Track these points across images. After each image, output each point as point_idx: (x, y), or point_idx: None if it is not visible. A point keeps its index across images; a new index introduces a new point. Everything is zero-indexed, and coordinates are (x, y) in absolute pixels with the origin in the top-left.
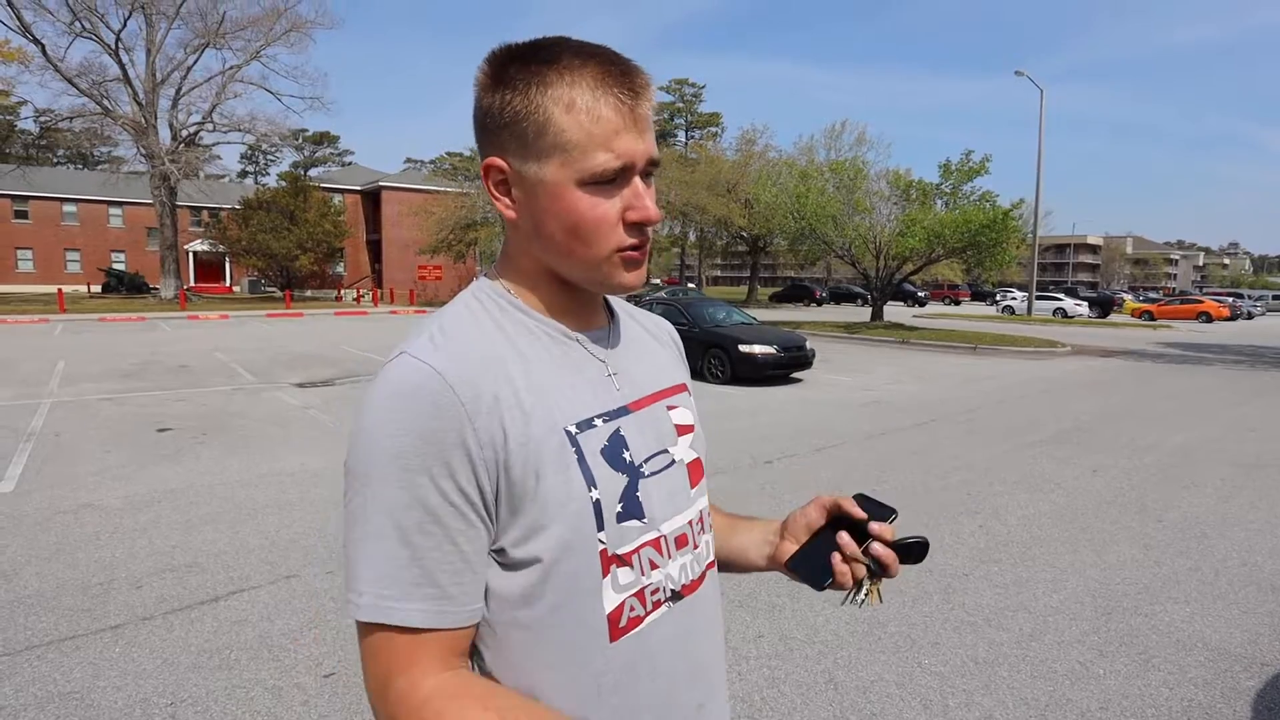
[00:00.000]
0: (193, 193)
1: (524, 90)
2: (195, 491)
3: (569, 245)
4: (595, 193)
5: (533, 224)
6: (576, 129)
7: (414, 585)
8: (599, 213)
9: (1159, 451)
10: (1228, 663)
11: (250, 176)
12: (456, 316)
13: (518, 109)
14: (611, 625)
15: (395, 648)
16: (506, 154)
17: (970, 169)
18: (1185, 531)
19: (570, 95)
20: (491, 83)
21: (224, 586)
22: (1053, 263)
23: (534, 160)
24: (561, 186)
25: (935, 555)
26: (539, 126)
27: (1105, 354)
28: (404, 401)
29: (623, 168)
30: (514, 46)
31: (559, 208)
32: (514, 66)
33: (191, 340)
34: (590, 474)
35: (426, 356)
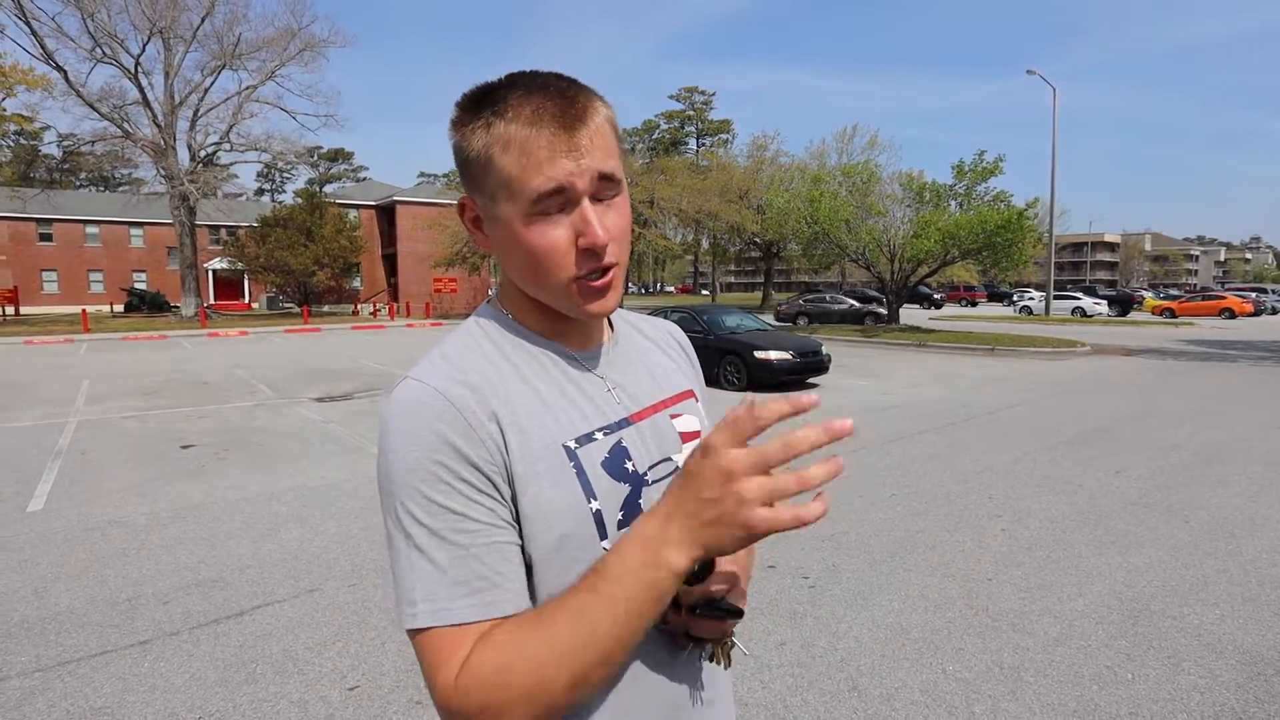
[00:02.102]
0: (211, 212)
1: (473, 134)
2: (219, 507)
3: (532, 276)
4: (542, 223)
5: (502, 258)
6: (513, 165)
7: (461, 583)
8: (547, 243)
9: (1184, 451)
10: (1260, 666)
11: (267, 194)
12: (457, 342)
13: (468, 153)
14: None
15: (451, 639)
16: (473, 193)
17: (984, 169)
18: (1213, 532)
19: (507, 133)
20: (454, 127)
21: (248, 601)
22: (1070, 261)
23: (488, 199)
24: (513, 222)
25: (957, 559)
26: (484, 167)
27: (1126, 353)
28: (408, 419)
29: (557, 189)
30: (473, 90)
31: (513, 243)
32: (469, 110)
33: (212, 357)
34: (590, 486)
35: (427, 378)
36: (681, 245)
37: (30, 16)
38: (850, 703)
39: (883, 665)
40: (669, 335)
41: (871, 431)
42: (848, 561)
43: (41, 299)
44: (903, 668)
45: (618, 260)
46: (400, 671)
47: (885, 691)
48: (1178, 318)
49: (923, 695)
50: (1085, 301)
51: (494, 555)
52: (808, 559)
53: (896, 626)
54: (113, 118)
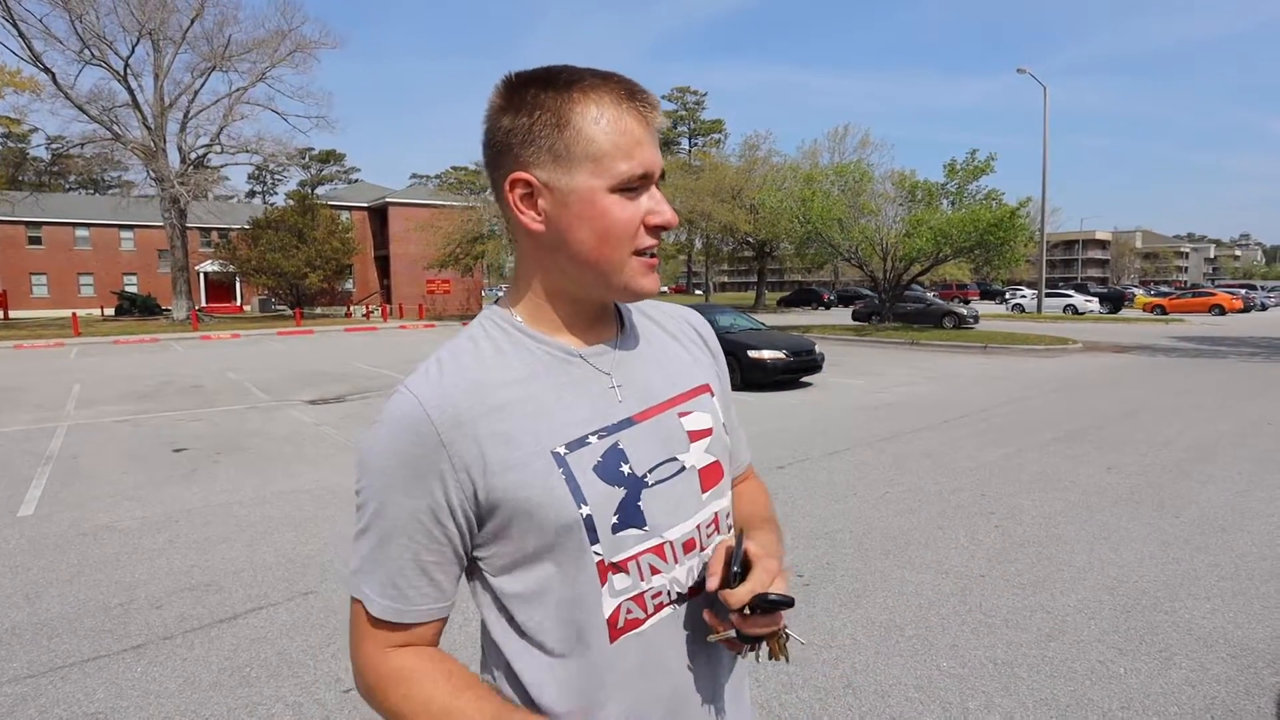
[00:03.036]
0: (202, 214)
1: (553, 108)
2: (212, 511)
3: (598, 250)
4: (623, 198)
5: (560, 234)
6: (605, 139)
7: (379, 584)
8: (626, 215)
9: (1175, 447)
10: (1250, 659)
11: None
12: (457, 348)
13: (546, 123)
14: (610, 627)
15: (364, 623)
16: (533, 168)
17: (975, 168)
18: (1204, 527)
19: (597, 110)
20: (511, 104)
21: (242, 605)
22: (1062, 259)
23: (564, 171)
24: (594, 193)
25: (951, 556)
26: (570, 139)
27: (1118, 350)
28: (390, 428)
29: (644, 174)
30: (530, 72)
31: (591, 213)
32: (535, 89)
33: (204, 360)
34: (580, 492)
35: (416, 389)
36: (675, 245)
37: (17, 18)
38: (845, 700)
39: (877, 662)
40: (688, 325)
41: (865, 430)
42: (842, 559)
43: (31, 303)
44: (897, 664)
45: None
46: None
47: (880, 688)
48: (1168, 314)
49: (917, 692)
50: (1077, 299)
51: (413, 570)
52: (802, 557)
53: (890, 624)
54: (102, 120)
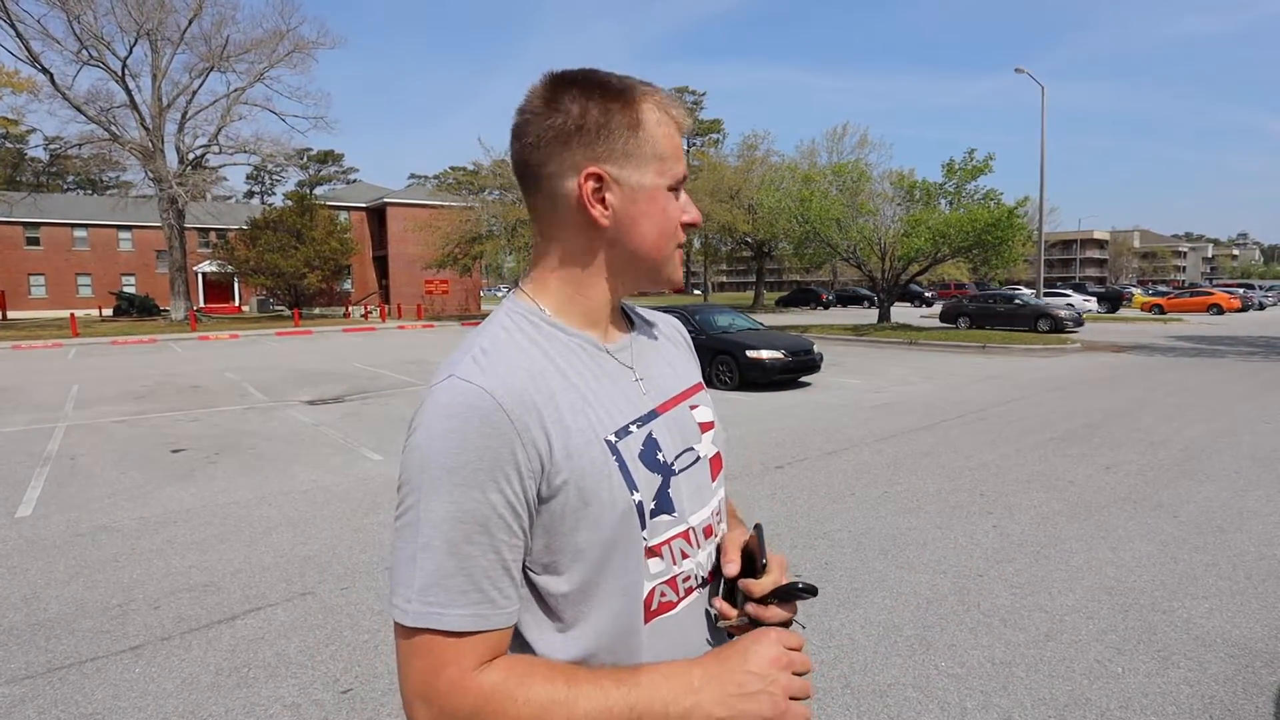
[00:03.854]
0: (200, 214)
1: (624, 109)
2: (210, 511)
3: (657, 243)
4: (673, 197)
5: (625, 228)
6: (666, 142)
7: (460, 593)
8: (673, 213)
9: (1173, 446)
10: (1248, 658)
11: (257, 197)
12: (495, 337)
13: (621, 124)
14: (645, 609)
15: (445, 648)
16: (607, 162)
17: (974, 168)
18: (1202, 526)
19: (659, 114)
20: (562, 103)
21: (240, 605)
22: (1060, 259)
23: (636, 168)
24: (658, 191)
25: (949, 556)
26: (642, 140)
27: (1116, 349)
28: (458, 422)
29: (684, 177)
30: (574, 72)
31: (655, 209)
32: (595, 90)
33: (203, 361)
34: (631, 479)
35: (475, 378)
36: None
37: (15, 18)
38: (843, 700)
39: (875, 662)
40: (674, 329)
41: (863, 430)
42: (840, 559)
43: (29, 303)
44: (895, 664)
45: None
46: (394, 674)
47: (878, 688)
48: (1166, 314)
49: (915, 692)
50: (1075, 298)
51: (497, 570)
52: (800, 557)
53: (889, 624)
54: (100, 120)
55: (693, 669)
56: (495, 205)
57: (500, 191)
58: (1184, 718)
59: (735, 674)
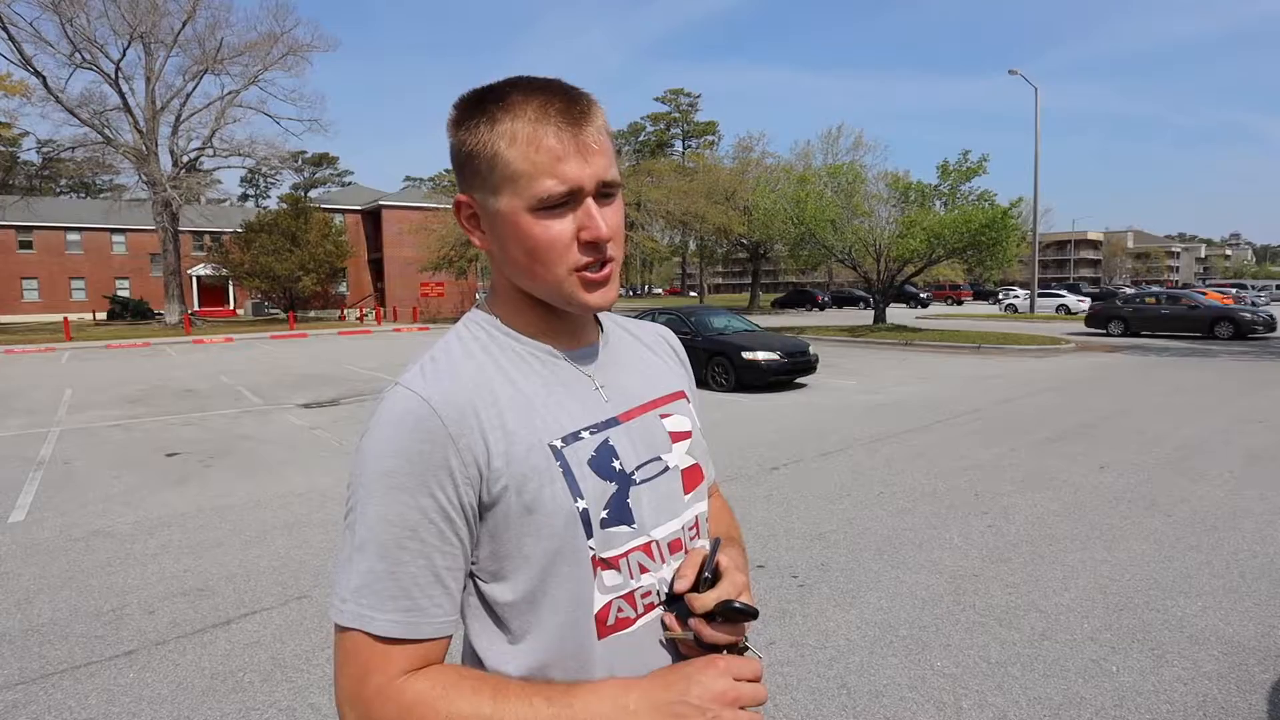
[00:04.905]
0: (194, 218)
1: (476, 130)
2: (204, 515)
3: (531, 268)
4: (546, 217)
5: (500, 251)
6: (521, 160)
7: (390, 598)
8: (551, 235)
9: (1167, 445)
10: (1242, 656)
11: (251, 200)
12: (446, 347)
13: (472, 148)
14: (599, 624)
15: (372, 653)
16: (471, 190)
17: (968, 169)
18: (1195, 525)
19: (513, 130)
20: (454, 126)
21: (235, 609)
22: (1054, 260)
23: (490, 193)
24: (516, 214)
25: (945, 555)
26: (489, 162)
27: (1110, 349)
28: (393, 428)
29: (569, 192)
30: (473, 91)
31: (517, 234)
32: (469, 109)
33: (197, 364)
34: (576, 485)
35: (415, 386)
36: (669, 247)
37: (7, 22)
38: (839, 700)
39: (871, 662)
40: (660, 337)
41: (859, 431)
42: (836, 560)
43: (22, 307)
44: (891, 664)
45: (615, 256)
46: None
47: (874, 689)
48: None
49: (911, 691)
50: (1069, 299)
51: (426, 577)
52: (796, 558)
53: (885, 624)
54: (93, 123)
55: (630, 691)
56: None
57: None
58: (1178, 715)
59: (674, 704)
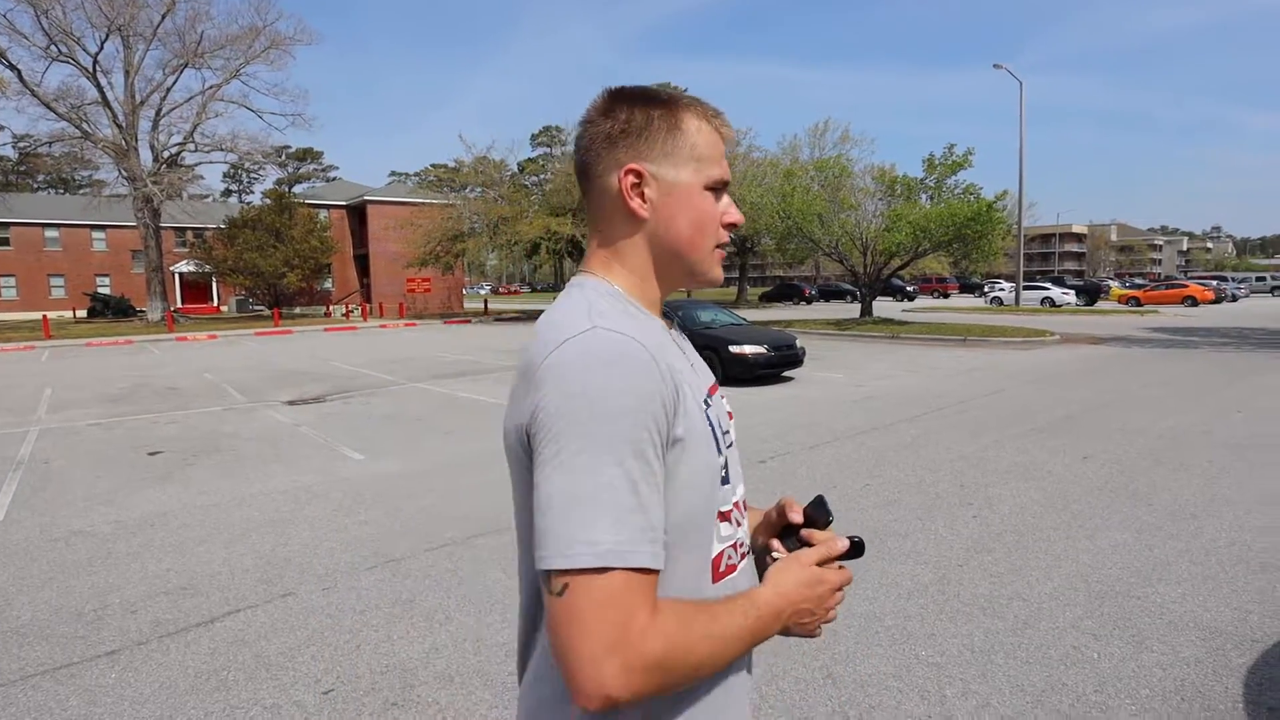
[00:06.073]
0: (176, 213)
1: (666, 115)
2: (188, 513)
3: (692, 239)
4: (711, 197)
5: (663, 220)
6: (706, 146)
7: (641, 530)
8: (712, 211)
9: (1148, 436)
10: (1219, 641)
11: (234, 195)
12: (597, 303)
13: (661, 128)
14: (714, 569)
15: (633, 590)
16: (646, 160)
17: (953, 163)
18: (1175, 514)
19: (699, 122)
20: (617, 110)
21: (219, 608)
22: (1039, 253)
23: (673, 166)
24: (694, 188)
25: (930, 546)
26: (680, 141)
27: (1094, 341)
28: (620, 366)
29: (725, 181)
30: (631, 87)
31: (690, 204)
32: (642, 100)
33: (180, 362)
34: (718, 443)
35: (621, 328)
36: None
37: None
38: (825, 690)
39: (857, 652)
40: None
41: (845, 423)
42: None
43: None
44: (876, 654)
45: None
46: (375, 674)
47: (859, 678)
48: (1143, 306)
49: (896, 681)
50: (1054, 291)
51: (659, 510)
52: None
53: (870, 614)
54: (71, 118)
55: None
56: (477, 203)
57: (482, 189)
58: (1156, 700)
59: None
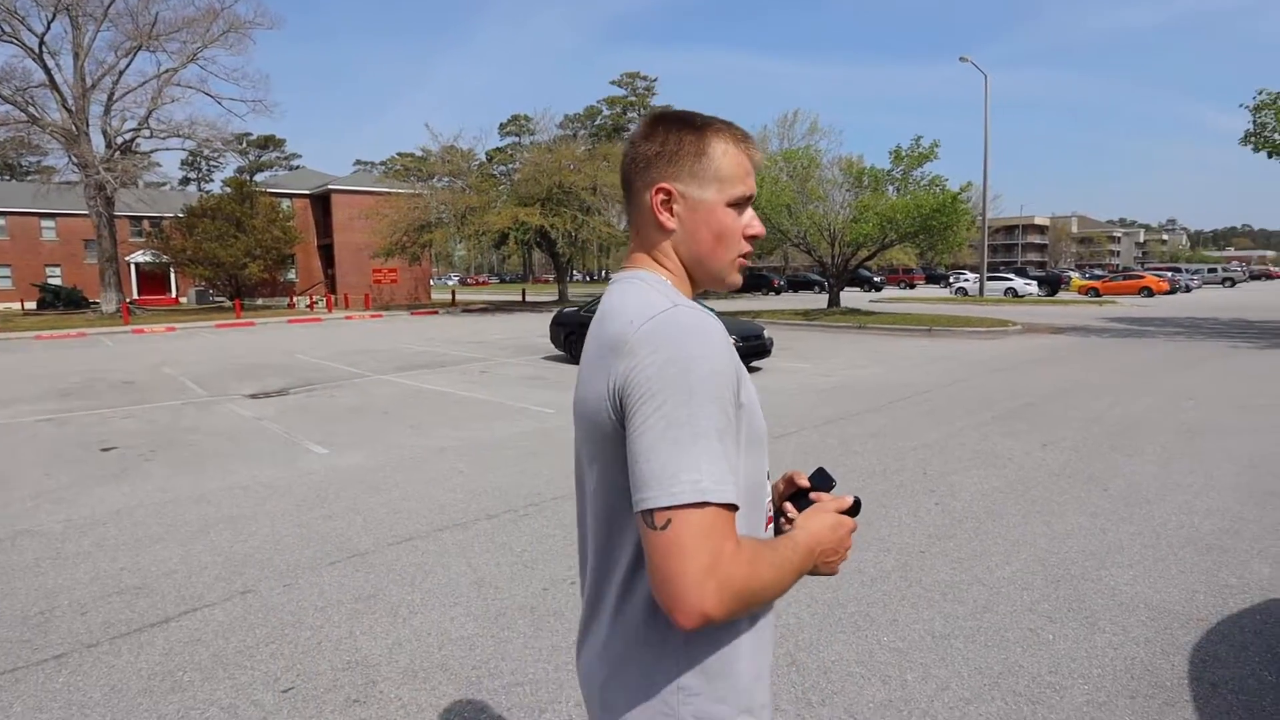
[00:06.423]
0: (132, 202)
1: (695, 141)
2: (144, 511)
3: (714, 249)
4: (734, 212)
5: (689, 232)
6: (730, 167)
7: (728, 473)
8: (734, 224)
9: (1105, 423)
10: (1167, 620)
11: (193, 184)
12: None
13: (689, 153)
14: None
15: (724, 523)
16: (676, 181)
17: (920, 154)
18: (1129, 498)
19: (725, 146)
20: (656, 134)
21: (175, 607)
22: (1003, 244)
23: (699, 186)
24: (717, 204)
25: (894, 534)
26: (705, 165)
27: (1055, 331)
28: (710, 338)
29: (748, 197)
30: (671, 112)
31: (712, 219)
32: (677, 126)
33: (136, 355)
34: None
35: (700, 308)
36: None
37: None
38: (789, 677)
39: (820, 639)
40: None
41: (813, 413)
42: None
43: None
44: (840, 640)
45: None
46: (337, 670)
47: (822, 664)
48: (1102, 297)
49: (859, 666)
50: (1017, 282)
51: (734, 460)
52: None
53: (834, 601)
54: (16, 101)
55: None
56: (444, 192)
57: (449, 179)
58: (1107, 679)
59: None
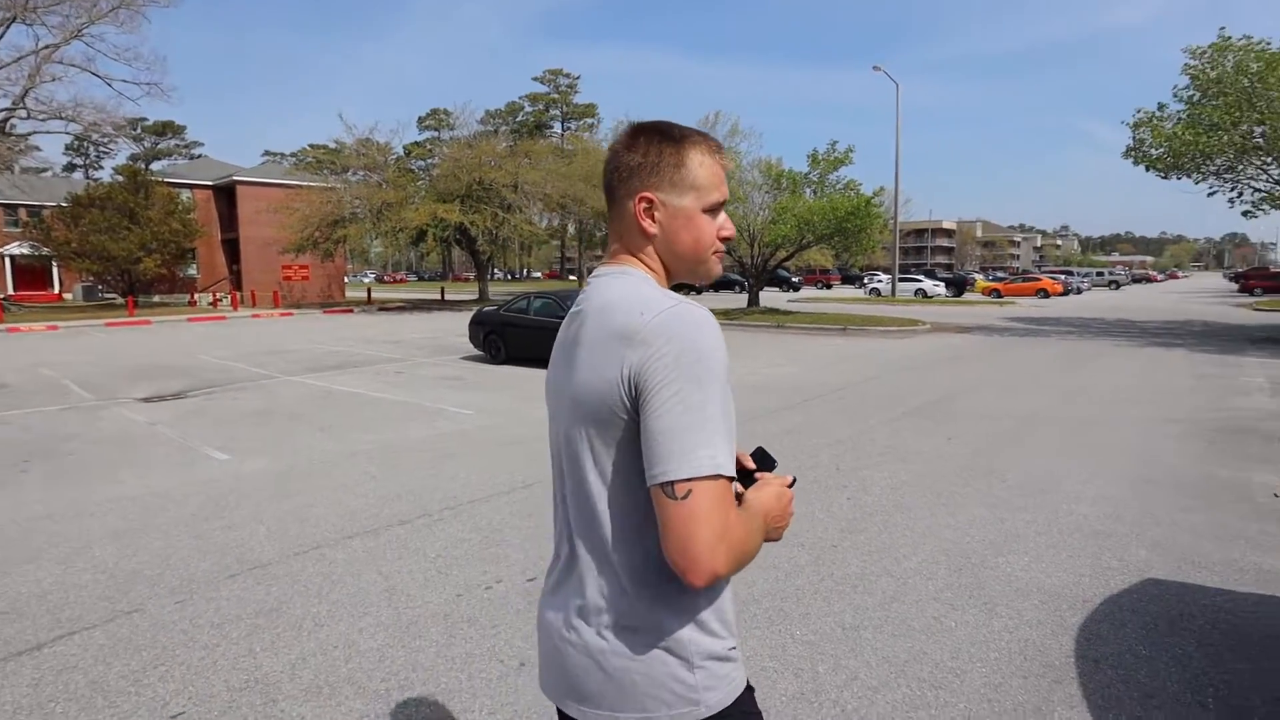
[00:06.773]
0: (6, 188)
1: (674, 152)
2: (15, 528)
3: (693, 251)
4: (709, 216)
5: (670, 236)
6: (706, 177)
7: (731, 449)
8: (710, 229)
9: (1007, 418)
10: (1057, 603)
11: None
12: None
13: (671, 160)
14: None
15: (729, 492)
16: (657, 190)
17: (836, 159)
18: (1025, 489)
19: (701, 157)
20: (638, 146)
21: (48, 631)
22: (913, 246)
23: (677, 194)
24: (694, 212)
25: (808, 529)
26: (684, 175)
27: (961, 330)
28: (709, 328)
29: (723, 203)
30: (649, 124)
31: (690, 225)
32: (658, 137)
33: (11, 355)
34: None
35: (699, 305)
36: (547, 230)
37: None
38: None
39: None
40: None
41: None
42: None
43: None
44: (754, 635)
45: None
46: (233, 691)
47: None
48: (1003, 297)
49: (771, 660)
50: (926, 284)
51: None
52: None
53: (749, 597)
54: None
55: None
56: (359, 187)
57: (365, 172)
58: (1003, 661)
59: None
